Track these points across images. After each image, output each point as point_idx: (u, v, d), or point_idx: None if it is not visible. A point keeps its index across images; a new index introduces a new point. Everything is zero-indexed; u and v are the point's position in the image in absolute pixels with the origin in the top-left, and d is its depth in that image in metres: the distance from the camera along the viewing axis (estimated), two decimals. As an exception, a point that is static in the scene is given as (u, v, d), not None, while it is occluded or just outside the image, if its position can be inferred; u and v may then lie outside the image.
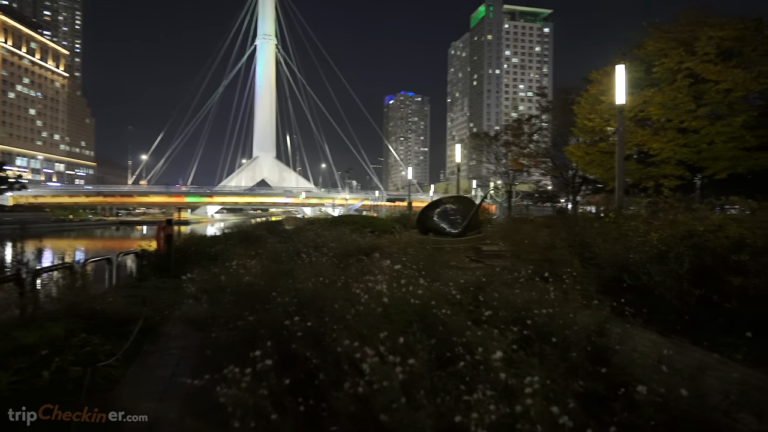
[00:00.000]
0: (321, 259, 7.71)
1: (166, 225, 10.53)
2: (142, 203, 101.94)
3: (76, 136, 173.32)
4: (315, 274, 5.43)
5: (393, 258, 9.44)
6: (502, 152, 37.43)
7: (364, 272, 6.94)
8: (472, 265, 10.28)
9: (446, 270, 8.30)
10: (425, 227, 19.00)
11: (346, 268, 7.35)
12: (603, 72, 21.14)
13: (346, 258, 9.34)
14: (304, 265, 6.70)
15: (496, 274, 6.78)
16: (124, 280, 10.20)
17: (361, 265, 7.96)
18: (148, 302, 7.85)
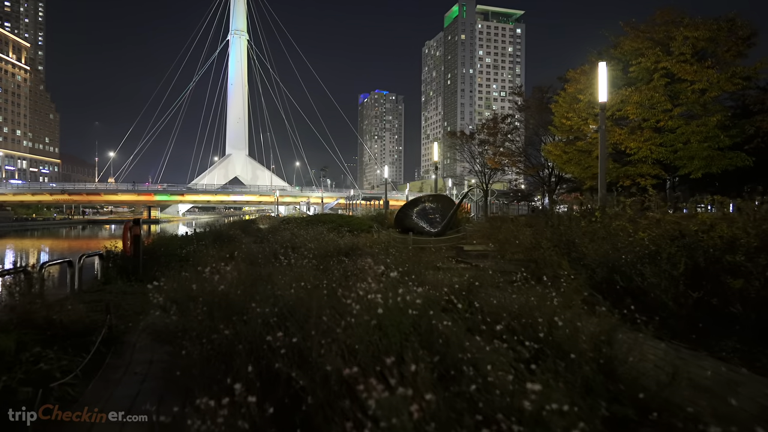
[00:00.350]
0: (301, 261, 7.29)
1: (132, 225, 9.91)
2: (110, 202, 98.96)
3: (40, 132, 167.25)
4: (296, 279, 5.04)
5: (375, 259, 9.11)
6: (477, 151, 37.42)
7: (347, 275, 6.57)
8: (459, 266, 10.00)
9: (432, 272, 7.98)
10: (404, 226, 18.70)
11: (327, 271, 6.95)
12: (581, 71, 21.21)
13: (326, 259, 8.94)
14: (283, 268, 6.28)
15: (487, 276, 6.50)
16: (87, 283, 9.56)
17: (343, 267, 7.58)
18: (113, 309, 7.29)
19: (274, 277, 4.95)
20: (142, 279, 9.72)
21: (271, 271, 5.62)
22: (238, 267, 5.04)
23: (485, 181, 36.76)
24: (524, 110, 33.03)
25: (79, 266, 8.90)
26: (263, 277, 4.95)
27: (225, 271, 4.82)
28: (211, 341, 3.40)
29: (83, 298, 7.95)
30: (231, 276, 4.73)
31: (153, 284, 4.96)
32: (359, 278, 6.03)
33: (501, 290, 5.90)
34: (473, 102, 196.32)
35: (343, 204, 72.23)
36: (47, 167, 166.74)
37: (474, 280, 6.40)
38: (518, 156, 32.77)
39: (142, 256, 10.11)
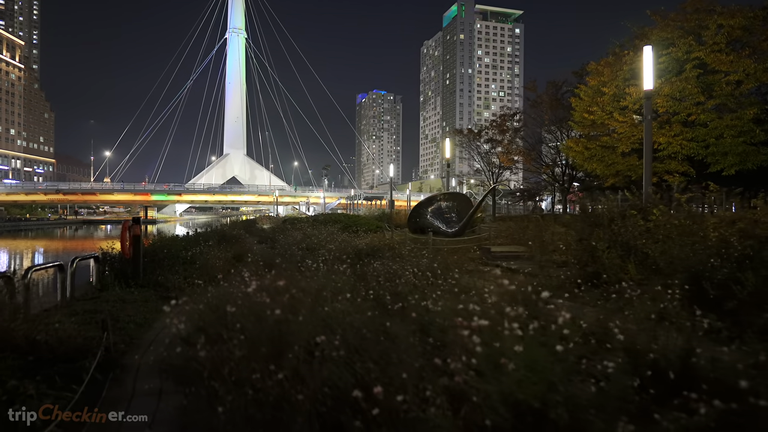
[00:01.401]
0: (334, 266, 6.28)
1: (132, 224, 8.84)
2: (105, 201, 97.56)
3: (34, 132, 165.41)
4: (349, 291, 4.05)
5: (404, 262, 8.11)
6: (485, 149, 36.42)
7: (395, 285, 5.59)
8: (495, 270, 9.02)
9: (474, 278, 7.02)
10: (418, 226, 17.70)
11: (365, 279, 5.94)
12: (604, 62, 20.21)
13: (353, 262, 7.93)
14: (317, 276, 5.26)
15: (548, 284, 5.53)
16: (81, 290, 8.51)
17: (379, 272, 6.59)
18: (111, 321, 6.24)
19: (320, 293, 3.92)
20: (143, 284, 8.69)
21: (321, 284, 4.57)
22: (285, 279, 3.96)
23: (491, 180, 35.78)
24: (537, 106, 32.01)
25: (71, 270, 7.84)
26: (308, 291, 3.89)
27: (273, 285, 3.74)
28: (257, 389, 2.36)
29: (75, 309, 6.90)
30: (280, 292, 3.66)
31: (172, 303, 3.89)
32: (417, 289, 5.07)
33: (586, 305, 4.93)
34: (472, 102, 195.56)
35: (344, 204, 71.13)
36: (42, 167, 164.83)
37: (522, 287, 5.57)
38: (532, 153, 31.69)
39: (143, 259, 9.04)
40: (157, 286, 8.54)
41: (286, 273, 4.51)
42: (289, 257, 7.60)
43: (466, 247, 14.11)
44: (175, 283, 8.53)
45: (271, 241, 19.37)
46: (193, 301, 3.87)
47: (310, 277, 5.59)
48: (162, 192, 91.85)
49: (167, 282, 8.55)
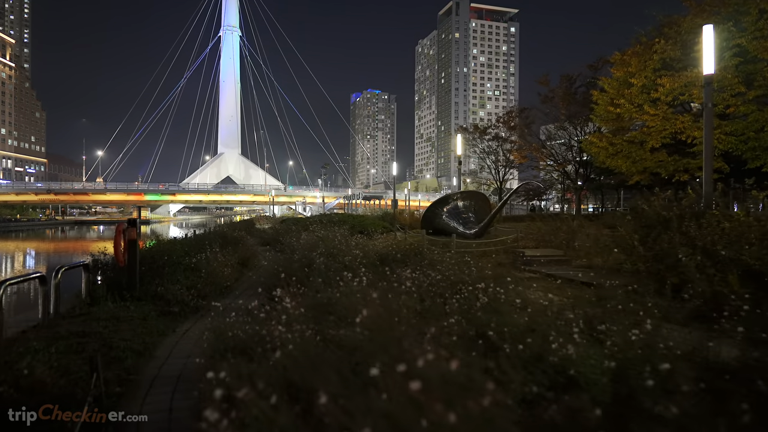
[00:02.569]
0: (378, 281, 5.14)
1: (127, 227, 7.63)
2: (98, 201, 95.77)
3: (25, 131, 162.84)
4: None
5: (441, 269, 7.02)
6: (492, 146, 35.30)
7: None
8: (542, 280, 7.90)
9: (533, 289, 5.98)
10: (433, 227, 16.56)
11: (422, 293, 4.81)
12: (631, 52, 19.11)
13: (386, 268, 6.81)
14: (370, 298, 4.12)
15: (624, 299, 4.58)
16: (68, 303, 7.31)
17: (428, 280, 5.49)
18: (104, 348, 5.06)
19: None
20: (139, 297, 7.48)
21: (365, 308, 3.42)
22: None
23: (498, 178, 34.69)
24: (548, 102, 30.91)
25: (55, 282, 6.64)
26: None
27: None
28: None
29: (59, 330, 5.69)
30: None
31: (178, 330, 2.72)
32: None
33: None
34: (467, 101, 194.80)
35: (342, 204, 69.83)
36: (33, 167, 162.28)
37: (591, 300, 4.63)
38: (544, 150, 30.53)
39: (140, 267, 7.83)
40: (156, 299, 7.35)
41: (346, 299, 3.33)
42: (316, 268, 6.41)
43: (491, 251, 12.99)
44: (178, 295, 7.36)
45: (276, 243, 18.17)
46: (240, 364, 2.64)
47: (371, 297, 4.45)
48: (156, 192, 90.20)
49: (168, 294, 7.37)
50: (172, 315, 6.87)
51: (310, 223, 22.37)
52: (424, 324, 3.17)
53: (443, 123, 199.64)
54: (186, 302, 7.28)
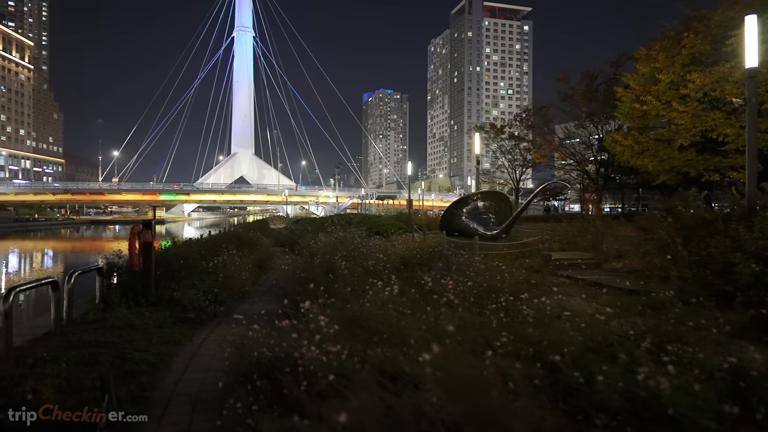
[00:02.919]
0: (408, 289, 4.79)
1: (142, 228, 7.33)
2: (114, 201, 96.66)
3: (44, 132, 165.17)
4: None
5: (471, 275, 6.64)
6: (508, 145, 34.66)
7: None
8: (578, 287, 7.46)
9: (571, 296, 5.59)
10: (452, 228, 16.10)
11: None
12: (659, 47, 18.45)
13: (411, 274, 6.44)
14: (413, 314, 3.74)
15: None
16: (81, 309, 7.04)
17: (461, 288, 5.12)
18: (117, 360, 4.75)
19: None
20: (155, 302, 7.19)
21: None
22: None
23: (515, 178, 34.07)
24: (568, 99, 30.23)
25: (68, 287, 6.37)
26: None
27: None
28: None
29: (71, 339, 5.40)
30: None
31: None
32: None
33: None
34: (480, 100, 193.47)
35: (355, 204, 69.49)
36: (51, 167, 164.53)
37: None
38: (564, 149, 29.84)
39: (155, 271, 7.54)
40: (172, 305, 7.05)
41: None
42: (341, 274, 6.04)
43: (514, 253, 12.53)
44: (194, 300, 7.05)
45: (292, 245, 17.88)
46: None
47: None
48: (170, 192, 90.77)
49: (184, 299, 7.07)
50: (188, 322, 6.56)
51: (325, 224, 22.07)
52: (461, 334, 2.80)
53: (456, 122, 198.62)
54: (202, 308, 6.98)
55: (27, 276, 25.36)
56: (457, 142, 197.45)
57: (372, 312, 3.81)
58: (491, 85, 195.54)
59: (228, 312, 7.36)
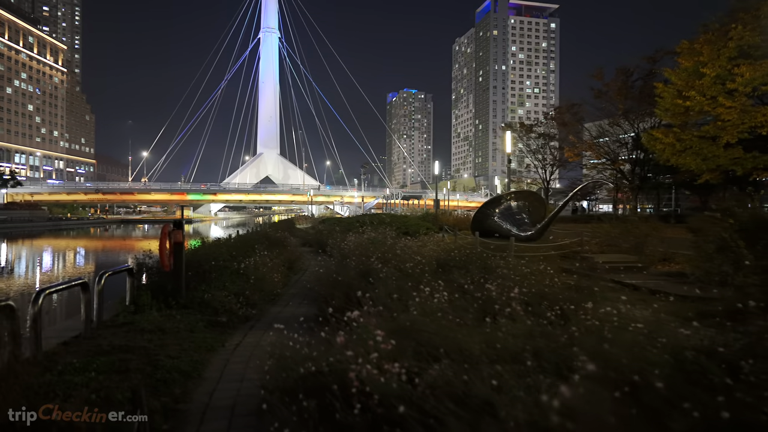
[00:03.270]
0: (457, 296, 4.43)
1: (173, 228, 7.14)
2: (143, 201, 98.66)
3: (76, 133, 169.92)
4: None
5: (516, 275, 6.25)
6: (537, 144, 33.84)
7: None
8: (628, 292, 6.95)
9: (623, 302, 5.08)
10: (483, 228, 15.61)
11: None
12: (703, 40, 17.59)
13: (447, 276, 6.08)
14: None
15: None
16: (111, 310, 6.88)
17: (506, 294, 4.74)
18: (149, 367, 4.51)
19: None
20: (185, 304, 6.97)
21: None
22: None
23: (545, 177, 33.26)
24: (602, 96, 29.30)
25: (98, 289, 6.19)
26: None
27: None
28: None
29: (101, 343, 5.20)
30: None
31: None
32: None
33: None
34: (506, 99, 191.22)
35: (380, 204, 69.21)
36: (83, 167, 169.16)
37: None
38: (600, 148, 28.89)
39: (186, 272, 7.34)
40: (203, 307, 6.83)
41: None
42: (383, 279, 5.70)
43: (552, 256, 12.01)
44: (226, 303, 6.82)
45: (319, 245, 17.66)
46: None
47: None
48: (198, 191, 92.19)
49: (215, 301, 6.85)
50: (220, 326, 6.32)
51: (352, 224, 21.81)
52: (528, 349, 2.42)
53: (481, 122, 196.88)
54: (234, 311, 6.74)
55: (60, 274, 25.81)
56: (481, 142, 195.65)
57: (423, 322, 3.45)
58: (517, 84, 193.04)
59: (260, 315, 7.11)
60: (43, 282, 22.55)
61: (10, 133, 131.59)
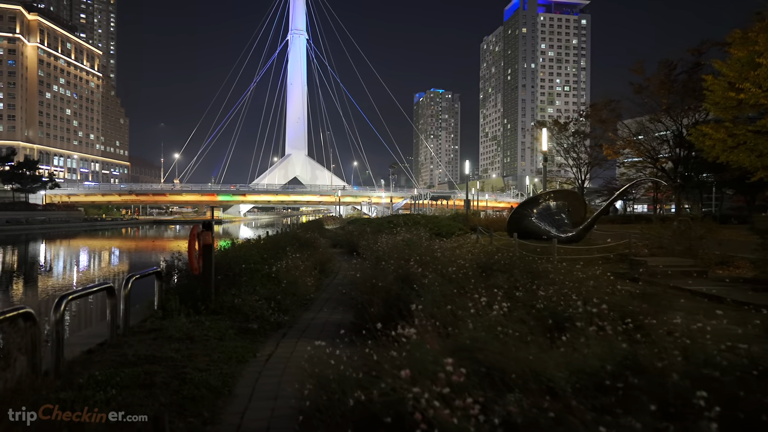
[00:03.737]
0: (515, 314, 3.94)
1: (202, 230, 6.82)
2: (174, 202, 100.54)
3: (111, 136, 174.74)
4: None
5: (570, 281, 5.71)
6: (571, 143, 32.70)
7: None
8: (691, 300, 6.32)
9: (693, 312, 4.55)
10: (521, 229, 14.95)
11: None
12: (759, 27, 16.50)
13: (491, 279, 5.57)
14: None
15: None
16: (139, 315, 6.60)
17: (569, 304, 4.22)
18: (175, 380, 4.14)
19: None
20: (215, 309, 6.63)
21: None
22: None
23: (580, 176, 32.15)
24: (642, 92, 28.04)
25: (124, 293, 5.89)
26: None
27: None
28: None
29: (126, 353, 4.86)
30: None
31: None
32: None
33: None
34: (535, 98, 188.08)
35: (408, 204, 68.66)
36: (118, 169, 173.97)
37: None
38: (641, 146, 27.61)
39: (215, 276, 7.02)
40: (233, 312, 6.48)
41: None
42: (424, 285, 5.22)
43: (596, 259, 11.34)
44: (256, 308, 6.46)
45: (348, 245, 17.29)
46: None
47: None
48: (228, 192, 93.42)
49: (245, 306, 6.49)
50: (250, 333, 5.95)
51: (383, 225, 21.38)
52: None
53: (509, 121, 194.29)
54: (265, 317, 6.37)
55: (94, 274, 26.18)
56: (510, 142, 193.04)
57: (485, 340, 2.96)
58: (546, 82, 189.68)
59: (293, 321, 6.73)
60: (72, 284, 22.85)
61: (49, 136, 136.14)
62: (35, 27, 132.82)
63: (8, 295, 18.53)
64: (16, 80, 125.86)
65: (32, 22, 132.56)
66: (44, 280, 22.89)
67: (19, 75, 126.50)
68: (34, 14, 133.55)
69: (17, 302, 17.09)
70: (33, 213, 69.12)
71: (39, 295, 18.27)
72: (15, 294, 19.09)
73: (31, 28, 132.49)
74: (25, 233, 54.81)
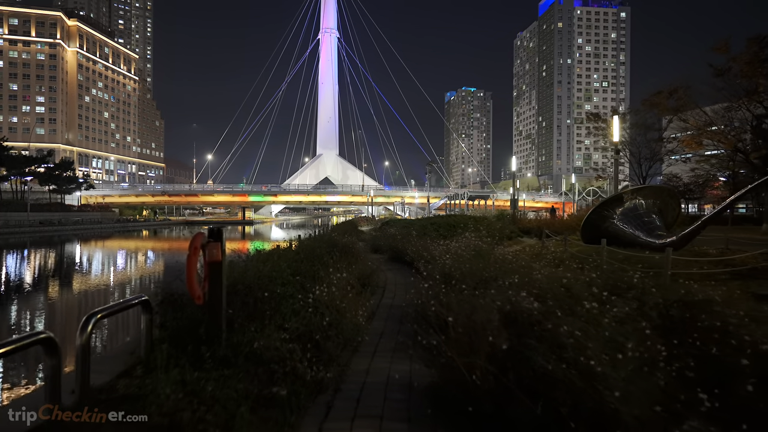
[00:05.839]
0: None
1: (207, 241, 4.70)
2: (206, 202, 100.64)
3: (147, 138, 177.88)
4: None
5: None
6: (630, 135, 29.66)
7: None
8: None
9: None
10: (600, 233, 12.42)
11: None
12: None
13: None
14: None
15: None
16: (116, 362, 4.52)
17: None
18: None
19: None
20: (224, 356, 4.45)
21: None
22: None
23: (640, 173, 29.09)
24: (725, 74, 24.76)
25: (82, 340, 3.78)
26: None
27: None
28: None
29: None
30: None
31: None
32: None
33: None
34: (572, 94, 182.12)
35: (444, 205, 66.00)
36: (153, 171, 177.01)
37: None
38: (729, 136, 24.27)
39: (226, 306, 4.86)
40: (251, 362, 4.28)
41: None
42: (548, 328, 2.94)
43: (720, 274, 8.79)
44: (286, 357, 4.28)
45: (393, 252, 15.07)
46: None
47: None
48: (259, 193, 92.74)
49: (269, 352, 4.29)
50: (275, 405, 3.75)
51: (426, 227, 19.10)
52: None
53: (544, 119, 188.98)
54: (299, 373, 4.17)
55: (127, 274, 24.75)
56: (545, 140, 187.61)
57: None
58: (583, 78, 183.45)
59: (339, 380, 4.50)
60: (108, 293, 21.40)
61: (88, 139, 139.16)
62: (75, 32, 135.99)
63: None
64: (56, 84, 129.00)
65: (72, 27, 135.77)
66: (66, 293, 21.50)
67: (60, 79, 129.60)
68: (74, 20, 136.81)
69: None
70: (68, 214, 69.63)
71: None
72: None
73: (71, 34, 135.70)
74: (57, 234, 54.73)
